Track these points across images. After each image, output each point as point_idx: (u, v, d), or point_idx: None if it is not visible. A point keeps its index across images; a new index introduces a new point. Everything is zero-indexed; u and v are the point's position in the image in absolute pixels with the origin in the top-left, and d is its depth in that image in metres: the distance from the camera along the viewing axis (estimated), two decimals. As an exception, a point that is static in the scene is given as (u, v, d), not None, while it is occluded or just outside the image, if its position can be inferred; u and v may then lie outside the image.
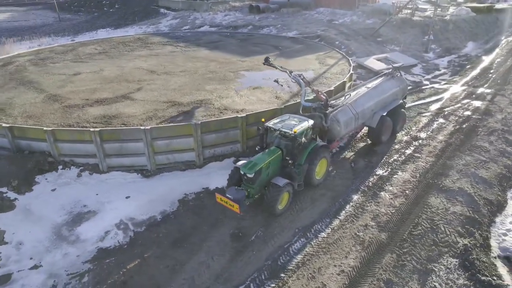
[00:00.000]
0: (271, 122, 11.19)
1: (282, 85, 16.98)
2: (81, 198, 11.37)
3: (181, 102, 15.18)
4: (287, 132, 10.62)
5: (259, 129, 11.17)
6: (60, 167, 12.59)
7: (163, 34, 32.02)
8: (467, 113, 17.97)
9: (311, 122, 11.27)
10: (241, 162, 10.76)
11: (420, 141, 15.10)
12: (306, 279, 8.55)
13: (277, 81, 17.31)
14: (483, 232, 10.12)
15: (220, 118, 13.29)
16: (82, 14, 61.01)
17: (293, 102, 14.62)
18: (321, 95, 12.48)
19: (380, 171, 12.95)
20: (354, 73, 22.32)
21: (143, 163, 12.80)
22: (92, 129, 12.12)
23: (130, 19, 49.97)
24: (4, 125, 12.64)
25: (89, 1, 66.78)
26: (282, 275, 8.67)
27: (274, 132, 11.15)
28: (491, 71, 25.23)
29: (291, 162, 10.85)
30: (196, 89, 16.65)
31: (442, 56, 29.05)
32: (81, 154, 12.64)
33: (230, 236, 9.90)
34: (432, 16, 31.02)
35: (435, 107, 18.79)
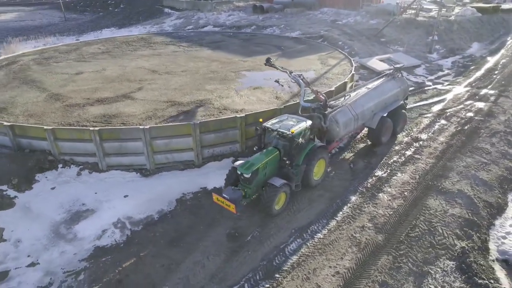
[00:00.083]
0: (269, 123, 11.19)
1: (283, 85, 16.95)
2: (80, 197, 11.47)
3: (181, 101, 15.23)
4: (284, 133, 10.62)
5: (257, 129, 11.19)
6: (60, 165, 12.71)
7: (167, 34, 32.13)
8: (470, 114, 17.81)
9: (309, 122, 11.24)
10: (239, 162, 10.78)
11: (421, 142, 14.99)
12: (301, 280, 8.53)
13: (278, 81, 17.27)
14: (482, 235, 10.02)
15: (219, 118, 13.31)
16: (87, 13, 61.48)
17: (293, 102, 14.60)
18: (320, 95, 12.45)
19: (379, 172, 12.88)
20: (356, 73, 22.27)
21: (142, 162, 12.86)
22: (92, 128, 12.22)
23: (134, 18, 50.22)
24: (6, 123, 12.79)
25: (94, 0, 67.24)
26: (277, 275, 8.66)
27: (272, 132, 11.14)
28: (496, 72, 24.98)
29: (289, 162, 10.84)
30: (196, 89, 16.69)
31: (446, 57, 28.82)
32: (81, 153, 12.74)
33: (226, 236, 9.92)
34: (436, 17, 30.79)
35: (437, 108, 18.64)
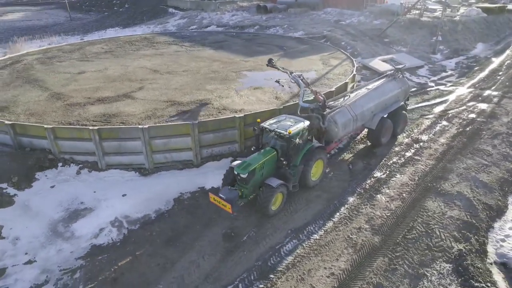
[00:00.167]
0: (267, 123, 11.19)
1: (283, 86, 16.91)
2: (79, 195, 11.56)
3: (181, 101, 15.27)
4: (282, 133, 10.61)
5: (255, 130, 11.18)
6: (60, 164, 12.82)
7: (170, 34, 32.23)
8: (472, 115, 17.65)
9: (306, 123, 11.22)
10: (236, 162, 10.78)
11: (421, 143, 14.88)
12: (295, 281, 8.52)
13: (278, 82, 17.20)
14: (480, 238, 9.92)
15: (217, 118, 13.33)
16: (93, 13, 61.89)
17: (292, 102, 14.58)
18: (319, 96, 12.42)
19: (378, 174, 12.81)
20: (358, 74, 22.20)
21: (141, 162, 12.92)
22: (91, 128, 12.31)
23: (139, 18, 50.48)
24: (7, 122, 12.92)
25: (100, 0, 67.66)
26: (272, 276, 8.66)
27: (270, 132, 11.13)
28: (500, 73, 24.72)
29: (286, 163, 10.82)
30: (196, 89, 16.73)
31: (450, 58, 28.57)
32: (81, 151, 12.84)
33: (222, 236, 9.93)
34: (440, 17, 30.55)
35: (439, 109, 18.49)
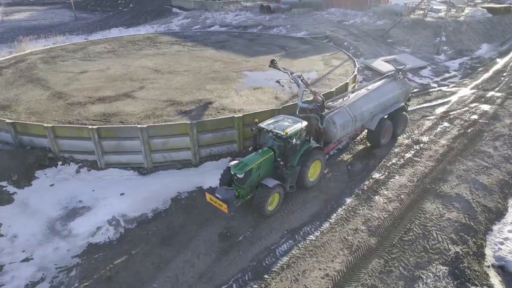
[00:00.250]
0: (264, 123, 11.17)
1: (283, 86, 16.87)
2: (78, 194, 11.63)
3: (180, 101, 15.31)
4: (279, 133, 10.59)
5: (252, 130, 11.17)
6: (60, 163, 12.91)
7: (173, 34, 32.34)
8: (474, 117, 17.49)
9: (304, 123, 11.19)
10: (233, 162, 10.79)
11: (421, 145, 14.78)
12: (290, 282, 8.50)
13: (279, 82, 17.17)
14: (478, 240, 9.84)
15: (216, 118, 13.35)
16: (97, 13, 62.27)
17: (292, 103, 14.56)
18: (318, 96, 12.38)
19: (376, 175, 12.75)
20: (360, 74, 22.11)
21: (140, 161, 12.98)
22: (91, 127, 12.39)
23: (142, 18, 50.67)
24: (8, 121, 13.05)
25: (105, 0, 68.05)
26: (266, 276, 8.65)
27: (267, 133, 11.12)
28: (504, 74, 24.48)
29: (283, 163, 10.80)
30: (197, 89, 16.77)
31: (454, 58, 28.36)
32: (80, 150, 12.93)
33: (218, 236, 9.94)
34: (444, 17, 30.32)
35: (441, 110, 18.35)
